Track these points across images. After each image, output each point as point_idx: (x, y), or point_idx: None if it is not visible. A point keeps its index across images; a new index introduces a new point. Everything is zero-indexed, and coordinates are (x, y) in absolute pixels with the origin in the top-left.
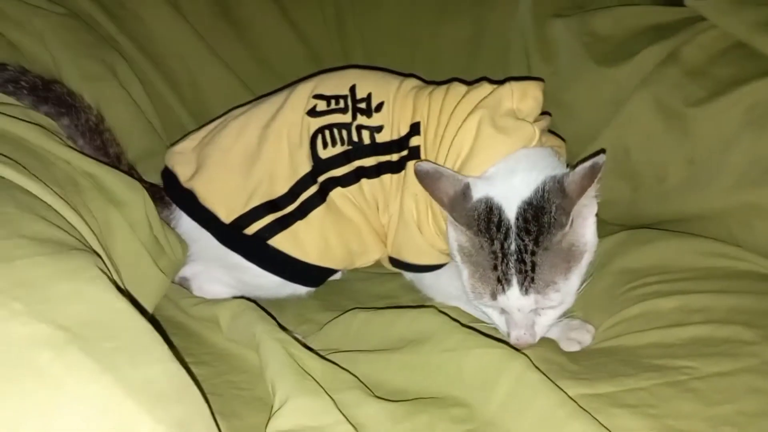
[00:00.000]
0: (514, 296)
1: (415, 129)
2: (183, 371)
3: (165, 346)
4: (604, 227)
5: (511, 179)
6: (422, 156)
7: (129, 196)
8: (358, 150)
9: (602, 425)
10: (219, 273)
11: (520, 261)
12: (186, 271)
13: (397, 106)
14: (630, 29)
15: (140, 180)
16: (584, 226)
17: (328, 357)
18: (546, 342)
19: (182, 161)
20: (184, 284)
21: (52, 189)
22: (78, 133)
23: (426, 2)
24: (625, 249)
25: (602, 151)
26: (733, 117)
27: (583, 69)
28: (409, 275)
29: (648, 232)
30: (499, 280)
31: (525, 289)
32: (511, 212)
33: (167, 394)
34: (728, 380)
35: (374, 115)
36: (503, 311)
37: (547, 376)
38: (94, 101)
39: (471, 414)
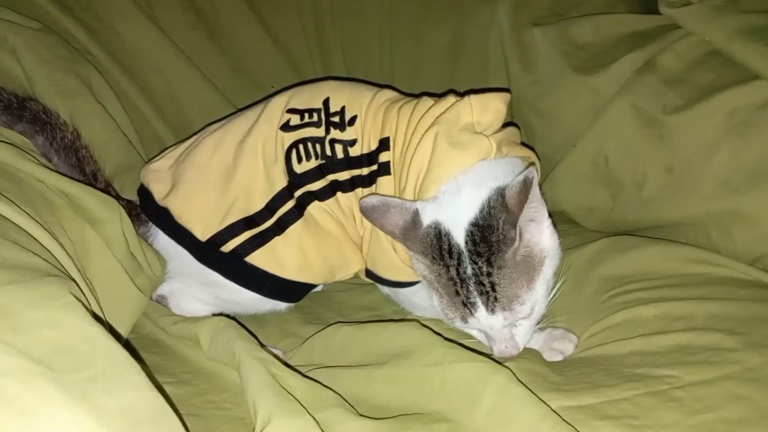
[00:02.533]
0: (482, 317)
1: (384, 144)
2: (160, 398)
3: (141, 373)
4: (585, 234)
5: (457, 199)
6: (391, 171)
7: (105, 214)
8: (331, 164)
9: None
10: (197, 290)
11: (479, 283)
12: (164, 289)
13: (368, 120)
14: (608, 37)
15: (117, 197)
16: (539, 232)
17: (310, 373)
18: (529, 352)
19: (158, 179)
20: (161, 302)
21: (24, 210)
22: (53, 150)
23: (405, 11)
24: (606, 256)
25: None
26: (712, 124)
27: (562, 77)
28: (385, 289)
29: (629, 238)
30: (464, 304)
31: (491, 309)
32: (459, 236)
33: (143, 423)
34: (709, 388)
35: (347, 128)
36: (481, 332)
37: (529, 389)
38: (69, 117)
39: (455, 429)
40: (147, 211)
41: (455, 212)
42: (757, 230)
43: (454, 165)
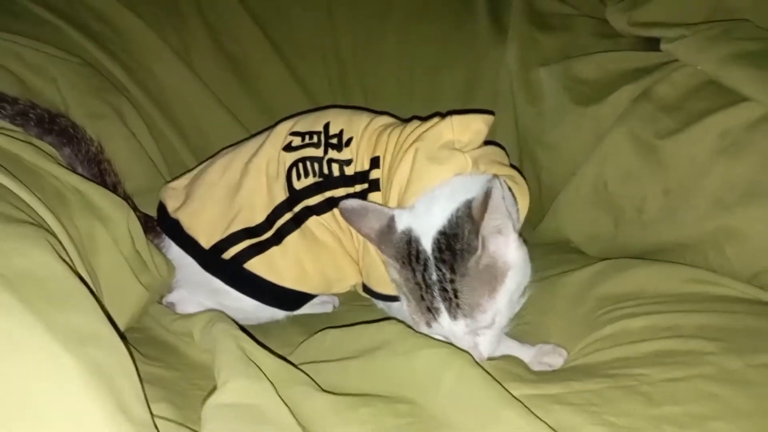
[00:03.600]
0: (445, 323)
1: (375, 163)
2: (111, 329)
3: (100, 311)
4: (587, 261)
5: (431, 209)
6: (381, 188)
7: (113, 212)
8: (328, 182)
9: (535, 416)
10: (202, 297)
11: (443, 290)
12: (172, 297)
13: (363, 141)
14: (610, 73)
15: (135, 209)
16: (504, 245)
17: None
18: (512, 359)
19: (173, 195)
20: (171, 309)
21: (36, 195)
22: (77, 161)
23: (424, 55)
24: (603, 277)
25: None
26: (704, 145)
27: (564, 110)
28: (380, 304)
29: (626, 261)
30: (429, 309)
31: (453, 316)
32: (427, 243)
33: (89, 340)
34: (679, 385)
35: (344, 149)
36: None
37: (491, 375)
38: (97, 137)
39: (414, 409)
40: (161, 223)
41: (427, 221)
42: (749, 247)
43: (432, 178)
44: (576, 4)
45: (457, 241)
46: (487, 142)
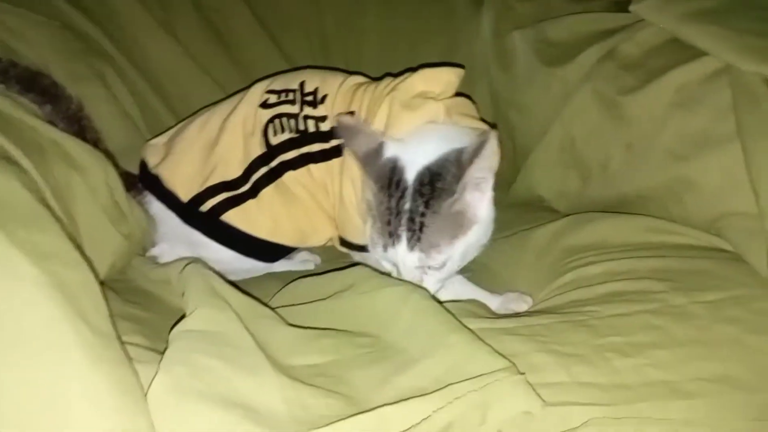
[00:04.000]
0: (401, 251)
1: None
2: (77, 252)
3: (64, 235)
4: (557, 217)
5: (421, 146)
6: None
7: (90, 162)
8: (304, 137)
9: (480, 339)
10: (182, 250)
11: (411, 220)
12: (155, 251)
13: (338, 98)
14: (579, 35)
15: (116, 166)
16: (480, 200)
17: None
18: (475, 302)
19: (153, 152)
20: (153, 262)
21: (12, 143)
22: (58, 118)
23: (403, 29)
24: (568, 230)
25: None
26: (662, 100)
27: (535, 72)
28: (356, 256)
29: (590, 214)
30: (390, 234)
31: (411, 246)
32: (410, 174)
33: (53, 257)
34: (625, 319)
35: (319, 106)
36: (394, 266)
37: (446, 309)
38: (76, 98)
39: (374, 342)
40: (142, 179)
41: (415, 155)
42: (704, 195)
43: (405, 122)
44: None
45: (440, 180)
46: (457, 95)
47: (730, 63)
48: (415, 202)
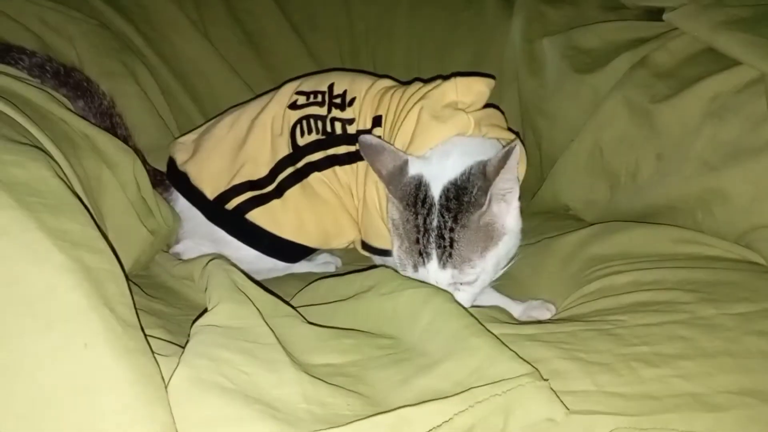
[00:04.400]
0: (432, 269)
1: (377, 122)
2: (104, 242)
3: (93, 224)
4: (583, 226)
5: (445, 161)
6: None
7: (120, 157)
8: (331, 139)
9: (503, 343)
10: (206, 248)
11: (440, 236)
12: (178, 247)
13: (366, 101)
14: (610, 43)
15: (144, 162)
16: (506, 211)
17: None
18: (498, 308)
19: (182, 149)
20: (177, 259)
21: (46, 134)
22: (90, 114)
23: (433, 34)
24: (594, 239)
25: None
26: (694, 109)
27: (564, 78)
28: (377, 260)
29: (617, 223)
30: (420, 253)
31: (443, 263)
32: (436, 190)
33: (81, 245)
34: (652, 329)
35: (347, 109)
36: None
37: (467, 311)
38: (109, 94)
39: (395, 343)
40: (170, 175)
41: (439, 171)
42: (735, 207)
43: (435, 135)
44: None
45: (466, 194)
46: (487, 105)
47: (765, 72)
48: (443, 217)
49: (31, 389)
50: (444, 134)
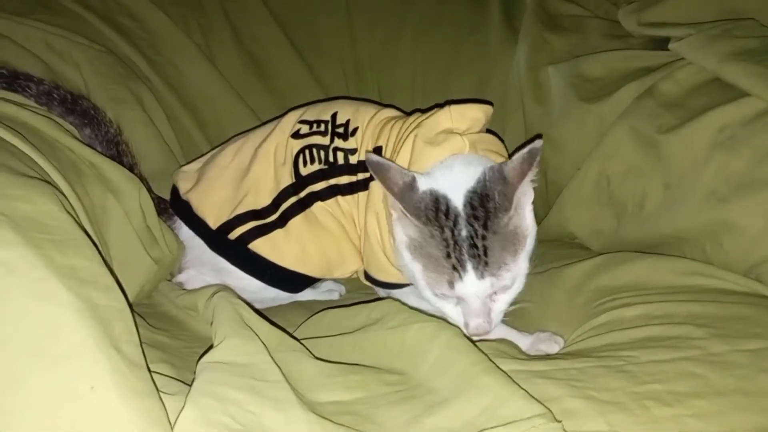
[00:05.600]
0: (470, 282)
1: (377, 152)
2: (111, 278)
3: (101, 260)
4: (589, 255)
5: (450, 173)
6: None
7: (126, 186)
8: (333, 169)
9: (514, 382)
10: (209, 277)
11: (473, 246)
12: (181, 277)
13: (368, 131)
14: (615, 71)
15: (150, 191)
16: (525, 212)
17: None
18: (506, 342)
19: (185, 177)
20: (180, 288)
21: (52, 164)
22: (97, 142)
23: (437, 59)
24: (602, 270)
25: (539, 136)
26: (703, 140)
27: (570, 107)
28: (380, 292)
29: (625, 254)
30: (454, 268)
31: (480, 273)
32: (458, 200)
33: (88, 283)
34: (664, 366)
35: (349, 138)
36: (458, 302)
37: (476, 346)
38: (115, 120)
39: (403, 379)
40: (173, 204)
41: (451, 182)
42: (745, 239)
43: (430, 157)
44: (588, 6)
45: (489, 200)
46: (488, 131)
47: None
48: (472, 227)
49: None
50: (439, 156)
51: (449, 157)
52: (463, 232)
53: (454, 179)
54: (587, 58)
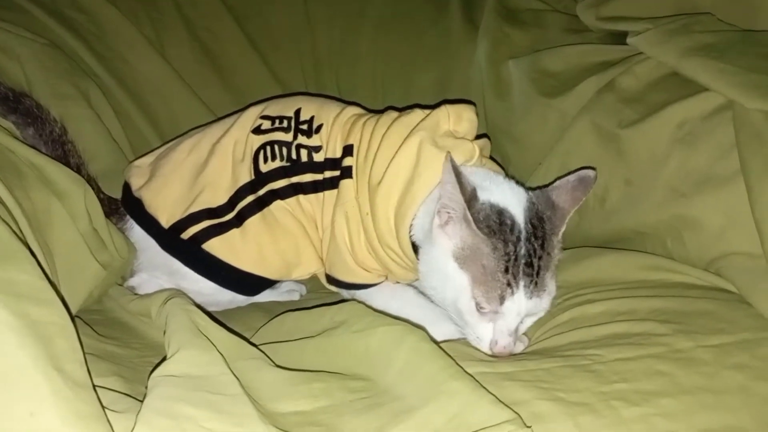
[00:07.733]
0: (519, 299)
1: (348, 151)
2: (53, 292)
3: (41, 273)
4: None
5: (503, 189)
6: (353, 176)
7: (70, 188)
8: (295, 166)
9: (482, 386)
10: (162, 281)
11: (528, 265)
12: (133, 281)
13: (334, 129)
14: (576, 66)
15: (99, 191)
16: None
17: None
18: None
19: (137, 173)
20: (132, 293)
21: None
22: (41, 142)
23: (397, 53)
24: (564, 266)
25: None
26: (662, 135)
27: (531, 102)
28: (344, 293)
29: (587, 249)
30: (509, 284)
31: (530, 293)
32: (520, 218)
33: (28, 298)
34: (630, 364)
35: (314, 136)
36: (491, 319)
37: (443, 350)
38: (60, 118)
39: (367, 385)
40: (124, 202)
41: (508, 198)
42: (705, 234)
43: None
44: (548, 0)
45: (545, 221)
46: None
47: (733, 100)
48: (532, 245)
49: None
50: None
51: (479, 169)
52: (522, 250)
53: (508, 195)
54: (547, 52)
